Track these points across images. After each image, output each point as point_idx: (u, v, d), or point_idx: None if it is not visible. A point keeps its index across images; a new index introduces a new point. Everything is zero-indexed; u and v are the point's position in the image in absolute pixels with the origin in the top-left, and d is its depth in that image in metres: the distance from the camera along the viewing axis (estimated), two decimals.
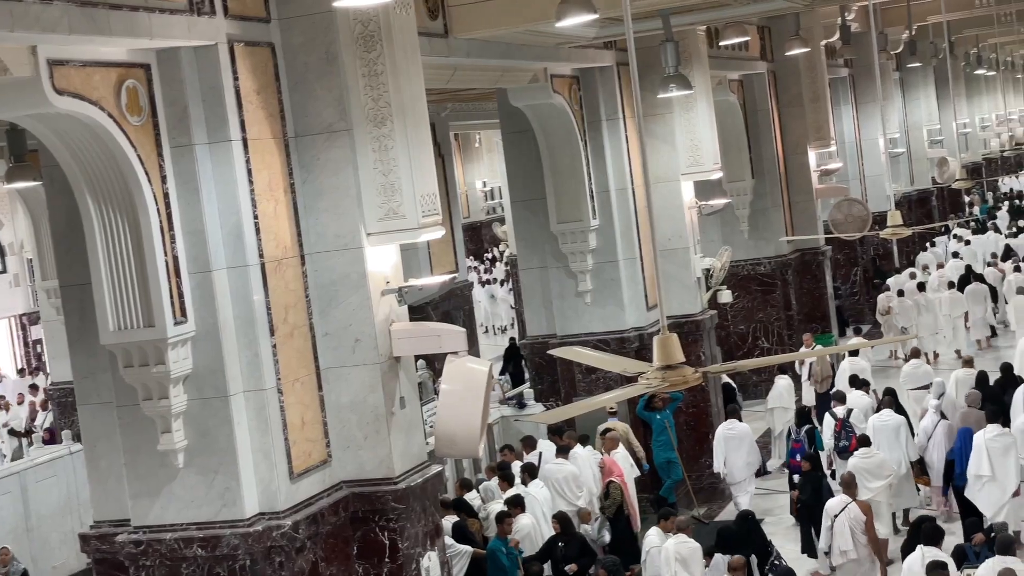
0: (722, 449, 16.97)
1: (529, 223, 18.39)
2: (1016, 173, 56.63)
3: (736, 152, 23.16)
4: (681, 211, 18.62)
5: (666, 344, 6.14)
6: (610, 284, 17.59)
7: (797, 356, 20.69)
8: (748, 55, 23.12)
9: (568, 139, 17.13)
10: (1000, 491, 14.23)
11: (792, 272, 24.36)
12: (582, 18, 10.92)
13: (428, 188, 10.73)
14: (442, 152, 25.15)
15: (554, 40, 15.59)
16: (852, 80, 32.56)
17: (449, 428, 10.57)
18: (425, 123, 10.94)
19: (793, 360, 20.44)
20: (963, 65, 42.11)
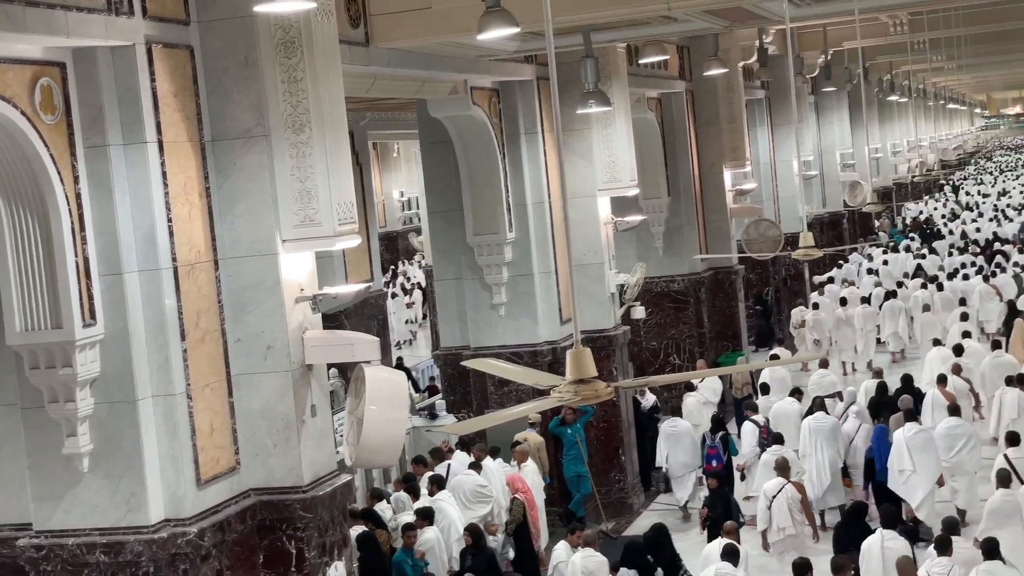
0: (665, 445, 18.08)
1: (446, 234, 18.39)
2: (922, 199, 57.74)
3: (653, 169, 23.36)
4: (597, 227, 18.72)
5: (579, 358, 6.18)
6: (525, 297, 17.64)
7: (709, 373, 20.93)
8: (667, 74, 23.35)
9: (486, 151, 17.17)
10: (922, 483, 15.49)
11: (705, 290, 24.61)
12: (504, 31, 10.95)
13: (345, 196, 10.69)
14: (360, 161, 25.00)
15: (475, 52, 15.63)
16: (768, 102, 32.97)
17: (375, 437, 10.51)
18: (344, 131, 10.90)
19: (705, 376, 20.65)
20: (876, 91, 42.90)
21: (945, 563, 11.74)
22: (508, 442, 16.71)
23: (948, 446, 16.40)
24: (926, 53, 34.19)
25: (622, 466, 18.56)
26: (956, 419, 16.91)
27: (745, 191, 26.99)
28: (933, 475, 15.73)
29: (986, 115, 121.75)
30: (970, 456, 16.42)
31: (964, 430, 16.72)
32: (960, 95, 78.76)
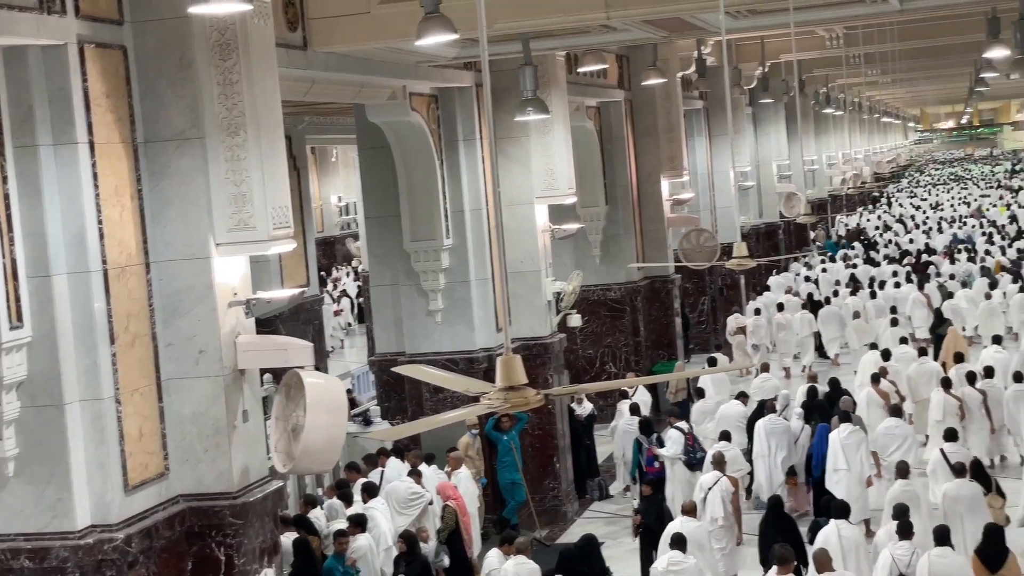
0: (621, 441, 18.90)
1: (382, 240, 18.33)
2: (856, 211, 58.43)
3: (591, 178, 23.42)
4: (534, 234, 18.73)
5: (509, 365, 6.17)
6: (461, 304, 17.61)
7: (640, 381, 20.99)
8: (606, 83, 23.42)
9: (424, 157, 17.13)
10: (856, 481, 16.23)
11: (641, 299, 24.69)
12: (442, 38, 10.92)
13: (280, 200, 10.62)
14: (298, 165, 24.86)
15: (414, 58, 15.60)
16: (706, 113, 33.18)
17: (315, 443, 10.43)
18: (280, 135, 10.83)
19: (637, 384, 20.73)
20: (812, 103, 43.30)
21: (907, 547, 12.37)
22: (444, 448, 16.66)
23: (886, 445, 17.05)
24: (861, 67, 34.56)
25: (556, 474, 18.57)
26: (895, 420, 17.55)
27: (682, 201, 27.13)
28: (863, 475, 16.43)
29: (920, 129, 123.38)
30: (906, 455, 16.84)
31: (902, 431, 17.37)
32: (894, 109, 79.74)
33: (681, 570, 12.85)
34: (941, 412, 18.64)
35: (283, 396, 10.71)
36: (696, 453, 17.26)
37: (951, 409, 18.69)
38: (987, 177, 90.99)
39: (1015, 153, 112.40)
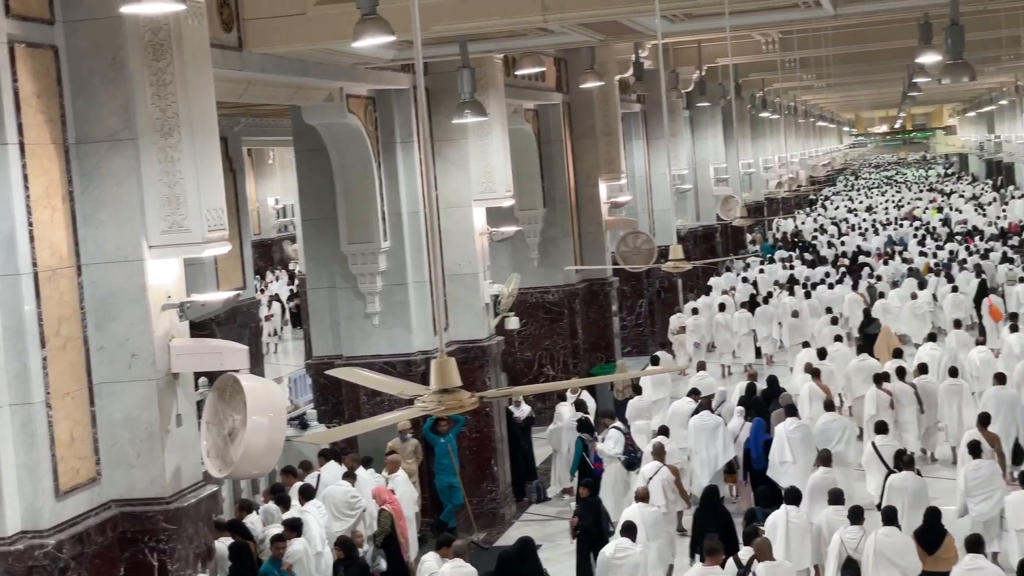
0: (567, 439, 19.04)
1: (319, 242, 18.24)
2: (793, 214, 58.99)
3: (529, 181, 23.45)
4: (472, 236, 18.71)
5: (443, 367, 6.15)
6: (399, 307, 17.56)
7: (579, 383, 21.03)
8: (544, 86, 23.46)
9: (362, 160, 17.07)
10: (801, 473, 16.28)
11: (579, 301, 24.75)
12: (379, 39, 10.88)
13: (215, 202, 10.54)
14: (234, 167, 24.70)
15: (351, 60, 15.53)
16: (644, 116, 33.32)
17: (256, 447, 10.33)
18: (214, 136, 10.75)
19: (574, 386, 20.75)
20: (749, 107, 43.63)
21: (856, 531, 12.84)
22: (382, 452, 16.61)
23: (826, 439, 17.37)
24: (797, 71, 34.88)
25: (494, 476, 18.57)
26: (832, 414, 18.10)
27: (620, 204, 27.23)
28: (809, 466, 16.53)
29: (854, 133, 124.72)
30: (846, 448, 17.51)
31: (840, 424, 17.84)
32: (830, 113, 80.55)
33: (627, 556, 13.17)
34: (874, 407, 19.08)
35: (215, 400, 10.59)
36: (635, 453, 17.67)
37: (883, 403, 19.09)
38: (920, 181, 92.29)
39: (947, 157, 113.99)
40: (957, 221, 51.15)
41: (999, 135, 72.51)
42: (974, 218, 51.74)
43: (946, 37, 13.55)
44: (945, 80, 14.37)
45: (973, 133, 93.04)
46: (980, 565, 11.79)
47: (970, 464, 15.18)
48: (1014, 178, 68.06)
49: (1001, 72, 48.57)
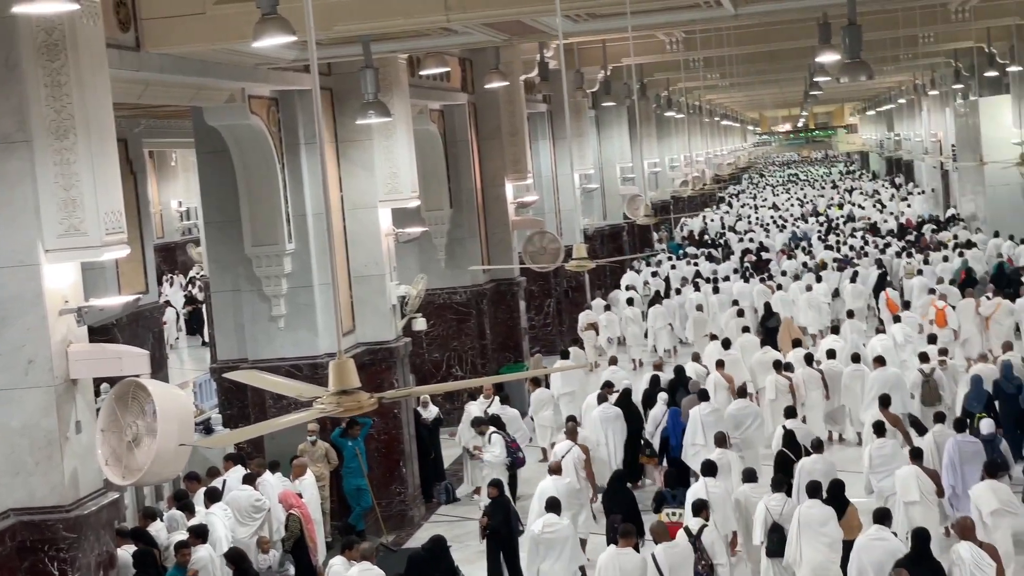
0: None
1: (223, 245, 18.04)
2: (700, 212, 59.66)
3: (435, 181, 23.41)
4: (378, 238, 18.63)
5: (341, 369, 6.11)
6: (304, 309, 17.43)
7: (483, 381, 21.03)
8: (449, 86, 23.43)
9: (265, 161, 16.91)
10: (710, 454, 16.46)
11: (487, 301, 24.75)
12: (279, 39, 10.78)
13: (113, 205, 10.38)
14: (135, 169, 24.41)
15: (253, 60, 15.37)
16: (550, 116, 33.40)
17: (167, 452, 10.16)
18: (111, 138, 10.58)
19: (476, 385, 20.78)
20: (654, 107, 43.94)
21: (780, 498, 13.80)
22: (288, 455, 16.47)
23: (738, 424, 18.28)
24: (700, 71, 35.20)
25: (403, 478, 18.51)
26: (744, 400, 18.98)
27: (527, 204, 27.27)
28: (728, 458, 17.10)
29: (758, 132, 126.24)
30: (757, 433, 18.53)
31: (751, 410, 18.80)
32: (734, 112, 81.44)
33: (556, 531, 13.65)
34: (774, 392, 20.00)
35: (113, 407, 10.39)
36: (517, 453, 18.09)
37: (783, 388, 20.02)
38: (823, 178, 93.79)
39: (848, 155, 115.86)
40: (860, 217, 52.32)
41: (898, 133, 73.88)
42: (875, 214, 52.80)
43: (844, 37, 13.78)
44: (844, 79, 14.60)
45: (873, 131, 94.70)
46: (883, 536, 12.38)
47: (874, 443, 16.00)
48: (913, 175, 69.37)
49: (899, 71, 49.50)
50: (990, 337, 23.96)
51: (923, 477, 14.56)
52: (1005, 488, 14.02)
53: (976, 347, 23.80)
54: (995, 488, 13.82)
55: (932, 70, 49.26)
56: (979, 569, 11.67)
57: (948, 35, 33.31)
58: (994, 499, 13.67)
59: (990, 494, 13.71)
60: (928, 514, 14.40)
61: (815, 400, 20.33)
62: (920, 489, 14.46)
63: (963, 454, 15.10)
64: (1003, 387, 18.36)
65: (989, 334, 24.20)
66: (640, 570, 12.72)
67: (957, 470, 15.03)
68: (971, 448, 15.18)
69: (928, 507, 14.49)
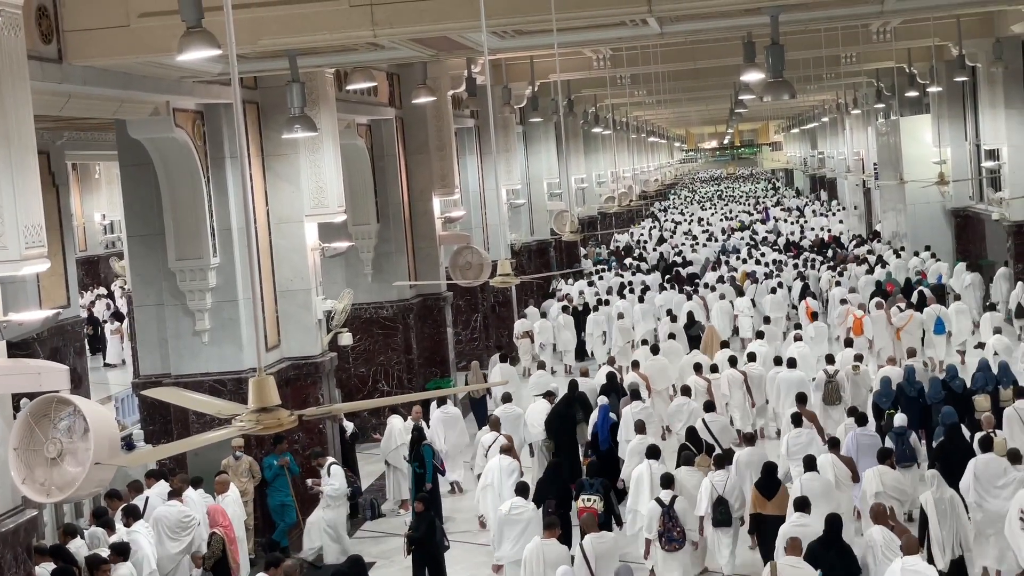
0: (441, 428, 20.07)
1: (146, 259, 17.90)
2: (627, 228, 60.09)
3: (362, 196, 23.34)
4: (304, 252, 18.55)
5: (261, 386, 6.07)
6: (229, 324, 17.32)
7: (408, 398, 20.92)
8: (377, 100, 23.40)
9: (190, 175, 16.79)
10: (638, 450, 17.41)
11: (414, 316, 24.71)
12: (204, 53, 10.71)
13: (33, 219, 10.25)
14: (57, 182, 24.12)
15: (178, 73, 15.27)
16: (478, 131, 33.45)
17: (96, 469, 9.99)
18: (32, 151, 10.44)
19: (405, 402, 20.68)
20: (582, 123, 44.15)
21: (723, 474, 15.38)
22: (213, 471, 16.32)
23: (675, 419, 20.14)
24: (627, 88, 35.43)
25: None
26: (684, 398, 20.49)
27: (454, 219, 27.28)
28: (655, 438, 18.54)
29: (685, 149, 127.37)
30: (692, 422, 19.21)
31: (689, 407, 20.07)
32: (661, 129, 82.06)
33: (521, 513, 14.57)
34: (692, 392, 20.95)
35: (27, 423, 10.15)
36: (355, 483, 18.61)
37: (701, 388, 21.21)
38: (748, 195, 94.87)
39: (773, 172, 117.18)
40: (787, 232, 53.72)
41: (822, 151, 74.83)
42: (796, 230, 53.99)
43: (767, 56, 13.95)
44: (767, 97, 14.77)
45: (797, 149, 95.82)
46: (805, 522, 13.32)
47: (792, 432, 17.61)
48: (836, 193, 70.31)
49: (822, 90, 50.16)
50: (901, 347, 25.12)
51: (839, 464, 15.90)
52: (894, 474, 15.40)
53: (888, 355, 24.83)
54: (882, 472, 15.28)
55: (854, 89, 49.95)
56: (890, 551, 12.46)
57: (870, 55, 33.84)
58: (879, 483, 15.15)
59: (876, 479, 15.21)
60: (843, 498, 15.54)
61: (738, 400, 21.68)
62: (835, 475, 15.67)
63: (861, 446, 16.52)
64: (905, 389, 19.46)
65: (901, 344, 25.43)
66: (563, 559, 13.19)
67: (855, 460, 16.24)
68: (868, 440, 16.63)
69: (843, 492, 15.70)
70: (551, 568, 12.99)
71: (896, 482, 15.37)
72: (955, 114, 36.58)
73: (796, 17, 16.48)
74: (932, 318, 26.62)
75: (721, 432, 18.39)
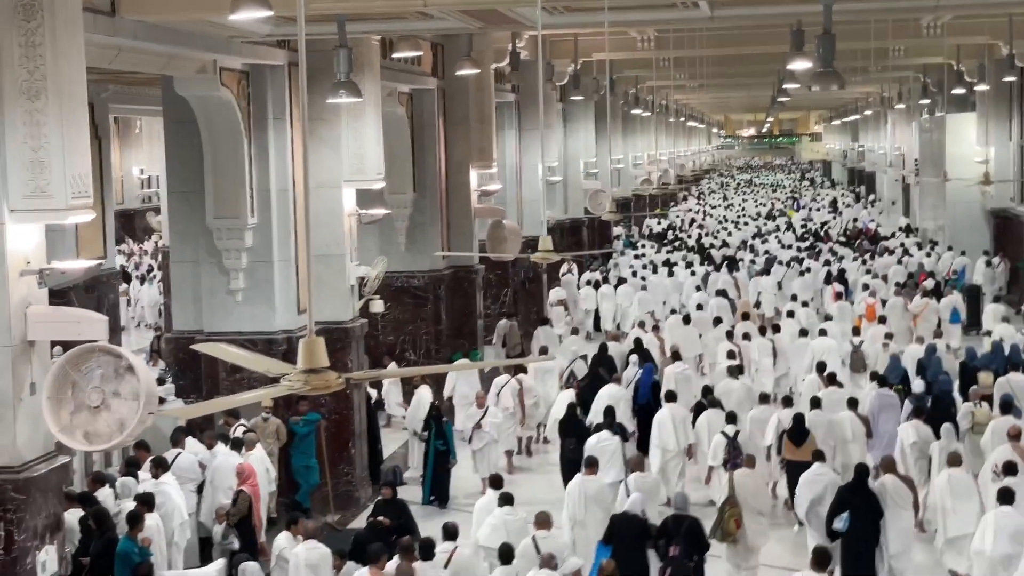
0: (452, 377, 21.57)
1: (185, 215, 17.99)
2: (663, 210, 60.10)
3: (400, 164, 23.35)
4: (341, 218, 18.61)
5: (312, 347, 6.12)
6: (263, 284, 17.41)
7: (441, 369, 21.10)
8: (420, 70, 23.40)
9: (232, 134, 16.86)
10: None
11: (444, 288, 24.75)
12: (256, 14, 10.78)
13: (80, 169, 10.35)
14: (100, 135, 24.18)
15: (226, 32, 15.33)
16: (518, 106, 33.40)
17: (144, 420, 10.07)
18: (83, 102, 10.55)
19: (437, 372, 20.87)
20: (621, 104, 44.05)
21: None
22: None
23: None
24: (670, 70, 35.31)
25: (351, 459, 18.51)
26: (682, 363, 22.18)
27: (490, 192, 27.27)
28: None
29: (723, 135, 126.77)
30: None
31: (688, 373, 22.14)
32: (700, 114, 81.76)
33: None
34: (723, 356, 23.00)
35: (64, 371, 10.18)
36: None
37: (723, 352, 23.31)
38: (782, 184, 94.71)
39: (811, 164, 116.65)
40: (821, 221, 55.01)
41: (862, 144, 74.43)
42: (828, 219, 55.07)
43: (818, 45, 13.88)
44: (815, 87, 14.72)
45: (837, 141, 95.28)
46: (822, 471, 15.10)
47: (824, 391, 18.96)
48: (875, 187, 69.97)
49: (867, 83, 49.88)
50: (917, 332, 27.15)
51: (855, 421, 17.72)
52: (926, 429, 17.01)
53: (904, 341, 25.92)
54: (917, 426, 17.13)
55: (900, 84, 49.65)
56: (899, 496, 14.29)
57: (918, 50, 33.62)
58: (915, 434, 16.95)
59: (913, 431, 17.06)
60: (859, 451, 17.46)
61: (766, 365, 23.25)
62: (852, 430, 17.58)
63: (882, 405, 18.54)
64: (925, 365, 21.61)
65: (916, 330, 27.39)
66: (606, 495, 14.77)
67: (875, 417, 18.22)
68: (888, 400, 18.68)
69: (859, 446, 17.62)
70: (592, 502, 14.48)
71: (927, 435, 16.91)
72: (1001, 114, 36.31)
73: (850, 7, 16.39)
74: (948, 307, 28.32)
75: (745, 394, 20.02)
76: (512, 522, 13.72)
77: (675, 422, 17.99)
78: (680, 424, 18.04)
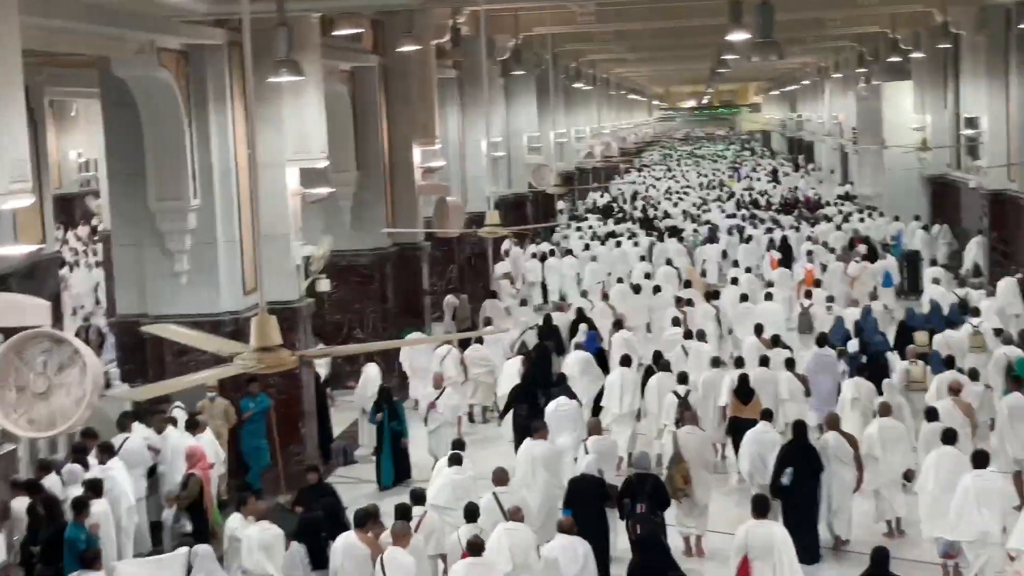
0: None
1: (126, 198, 17.83)
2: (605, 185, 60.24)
3: (343, 143, 23.21)
4: (284, 197, 18.49)
5: (264, 325, 6.08)
6: (207, 266, 17.29)
7: (391, 344, 21.07)
8: (361, 48, 23.27)
9: (172, 116, 16.70)
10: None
11: (391, 265, 24.68)
12: None
13: (18, 153, 10.24)
14: (35, 119, 23.86)
15: (164, 12, 15.18)
16: (459, 82, 33.29)
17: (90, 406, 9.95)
18: (19, 85, 10.42)
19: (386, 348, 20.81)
20: (563, 77, 44.06)
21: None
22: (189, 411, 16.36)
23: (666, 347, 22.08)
24: (610, 43, 35.36)
25: (302, 438, 18.45)
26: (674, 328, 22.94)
27: (434, 169, 27.19)
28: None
29: (664, 107, 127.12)
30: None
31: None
32: (641, 87, 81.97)
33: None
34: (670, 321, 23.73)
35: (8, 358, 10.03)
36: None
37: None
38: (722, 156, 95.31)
39: (751, 134, 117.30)
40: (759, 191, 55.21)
41: (801, 114, 74.92)
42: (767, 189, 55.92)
43: (756, 16, 13.97)
44: (754, 58, 14.81)
45: (776, 111, 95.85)
46: (766, 430, 15.73)
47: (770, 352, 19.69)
48: (813, 156, 70.49)
49: (805, 53, 50.22)
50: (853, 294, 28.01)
51: (793, 381, 18.54)
52: (868, 386, 17.75)
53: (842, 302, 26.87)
54: (858, 384, 17.90)
55: (837, 53, 49.99)
56: (841, 452, 15.00)
57: (854, 19, 33.88)
58: (856, 391, 17.73)
59: (854, 388, 17.87)
60: (799, 409, 18.10)
61: (712, 329, 23.69)
62: (790, 390, 18.38)
63: (818, 364, 19.47)
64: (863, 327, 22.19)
65: (852, 292, 28.20)
66: (554, 459, 15.25)
67: (813, 377, 19.04)
68: (825, 360, 19.60)
69: (798, 404, 18.36)
70: (539, 465, 14.94)
71: (869, 392, 17.69)
72: (936, 81, 36.70)
73: None
74: (882, 271, 29.74)
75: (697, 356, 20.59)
76: (460, 481, 14.08)
77: (624, 386, 18.67)
78: (629, 388, 18.73)
